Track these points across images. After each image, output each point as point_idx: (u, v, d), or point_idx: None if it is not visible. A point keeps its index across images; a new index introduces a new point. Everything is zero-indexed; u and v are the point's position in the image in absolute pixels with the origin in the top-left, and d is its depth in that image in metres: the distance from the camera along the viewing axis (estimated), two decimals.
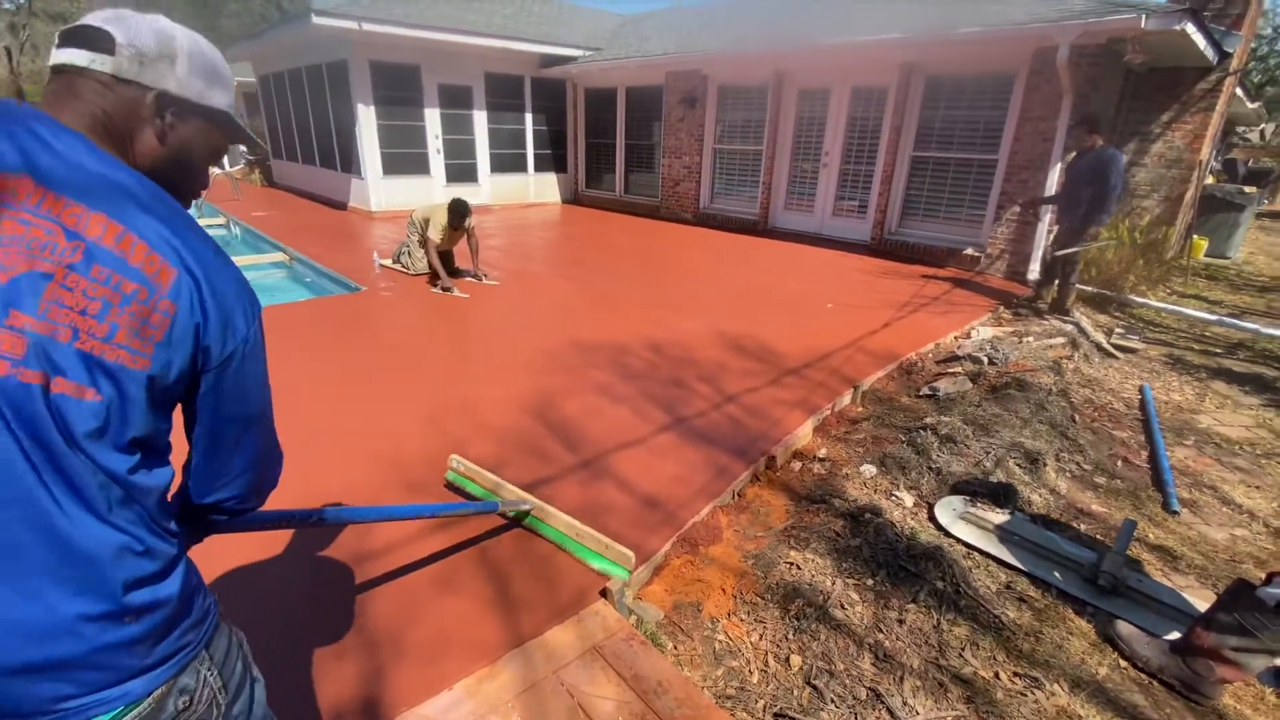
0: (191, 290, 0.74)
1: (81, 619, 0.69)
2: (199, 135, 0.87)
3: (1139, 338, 5.11)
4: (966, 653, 1.92)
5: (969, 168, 6.99)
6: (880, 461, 2.97)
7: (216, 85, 0.87)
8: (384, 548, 2.17)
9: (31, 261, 0.66)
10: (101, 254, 0.69)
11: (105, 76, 0.77)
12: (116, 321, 0.69)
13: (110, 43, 0.77)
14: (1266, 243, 10.84)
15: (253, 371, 0.84)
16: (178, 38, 0.82)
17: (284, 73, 11.31)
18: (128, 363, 0.70)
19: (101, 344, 0.69)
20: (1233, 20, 6.36)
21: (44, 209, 0.68)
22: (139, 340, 0.71)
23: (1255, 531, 2.66)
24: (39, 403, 0.66)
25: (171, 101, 0.82)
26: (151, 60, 0.79)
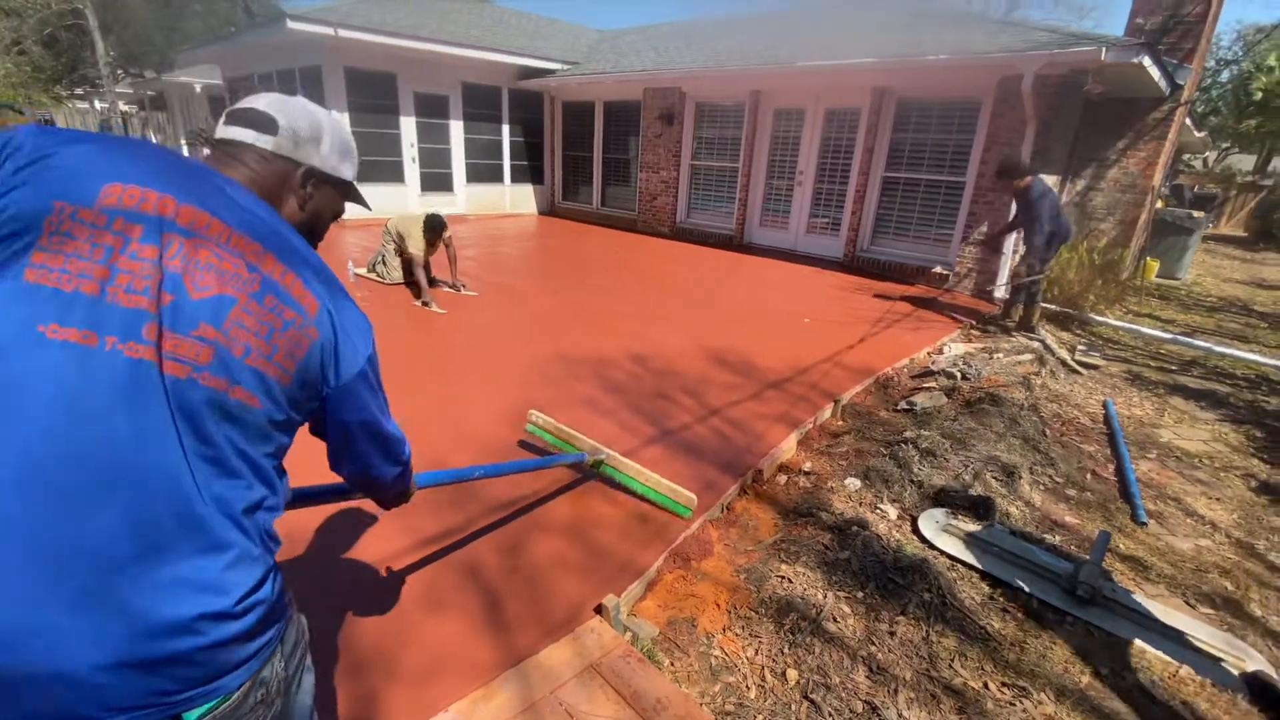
0: (329, 321, 0.88)
1: (202, 618, 0.74)
2: (329, 201, 1.05)
3: (1100, 354, 5.32)
4: (956, 663, 1.95)
5: (938, 189, 7.21)
6: (864, 474, 3.02)
7: (347, 160, 1.05)
8: (364, 565, 2.11)
9: (223, 286, 0.77)
10: (274, 287, 0.82)
11: (266, 152, 0.94)
12: (278, 344, 0.81)
13: (274, 126, 0.94)
14: (1213, 265, 11.42)
15: (365, 395, 0.96)
16: (323, 122, 1.00)
17: (254, 76, 11.07)
18: (279, 378, 0.82)
19: (266, 361, 0.80)
20: (1184, 54, 6.74)
21: (232, 245, 0.80)
22: (290, 361, 0.83)
23: (1218, 542, 2.78)
24: (215, 407, 0.76)
25: (314, 174, 0.99)
26: (304, 141, 0.97)
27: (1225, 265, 11.62)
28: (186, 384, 0.74)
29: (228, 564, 0.77)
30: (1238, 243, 15.49)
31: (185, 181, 0.81)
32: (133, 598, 0.69)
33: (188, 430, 0.74)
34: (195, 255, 0.76)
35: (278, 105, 0.96)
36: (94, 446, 0.68)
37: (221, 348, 0.76)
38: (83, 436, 0.68)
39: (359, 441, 1.01)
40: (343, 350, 0.89)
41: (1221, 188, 18.18)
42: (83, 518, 0.68)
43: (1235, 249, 14.22)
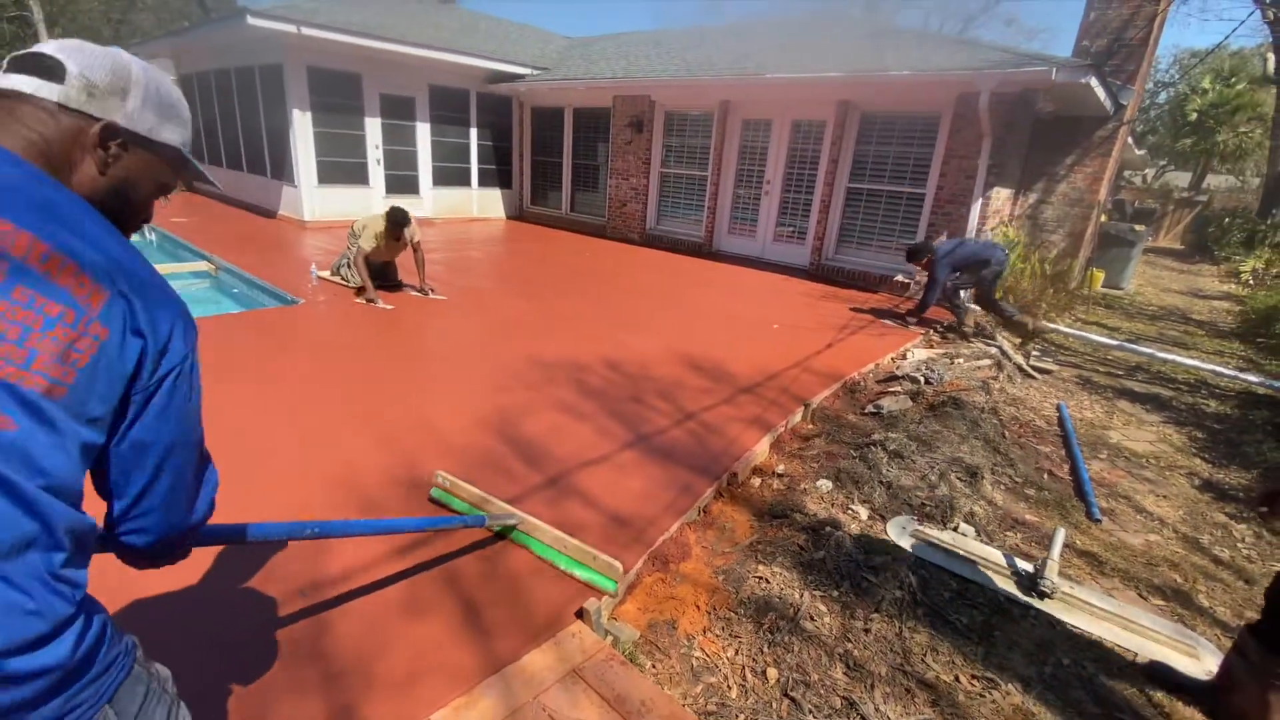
0: (124, 312, 0.71)
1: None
2: (145, 169, 0.85)
3: (1053, 360, 5.56)
4: (929, 658, 2.01)
5: (899, 199, 7.44)
6: (835, 477, 3.09)
7: (170, 121, 0.86)
8: (343, 573, 2.06)
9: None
10: (30, 275, 0.66)
11: (50, 105, 0.76)
12: (38, 348, 0.65)
13: (61, 72, 0.76)
14: (1153, 275, 12.04)
15: (181, 399, 0.79)
16: (135, 72, 0.82)
17: (210, 73, 10.74)
18: (46, 391, 0.65)
19: (21, 371, 0.64)
20: (1127, 76, 7.12)
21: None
22: (61, 367, 0.66)
23: (1167, 537, 2.93)
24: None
25: (118, 133, 0.80)
26: (102, 92, 0.78)
27: (1164, 276, 12.27)
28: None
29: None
30: (1175, 255, 16.38)
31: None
32: None
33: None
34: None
35: (72, 50, 0.78)
36: None
37: None
38: None
39: (165, 462, 0.79)
40: (150, 346, 0.73)
41: (1159, 203, 19.21)
42: None
43: (1173, 261, 15.03)
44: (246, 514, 2.25)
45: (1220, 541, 2.95)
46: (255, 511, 2.32)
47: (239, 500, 2.36)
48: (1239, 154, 20.68)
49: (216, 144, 11.33)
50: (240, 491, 2.43)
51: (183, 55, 11.56)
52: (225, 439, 2.83)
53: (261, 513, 2.32)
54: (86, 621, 0.71)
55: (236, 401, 3.25)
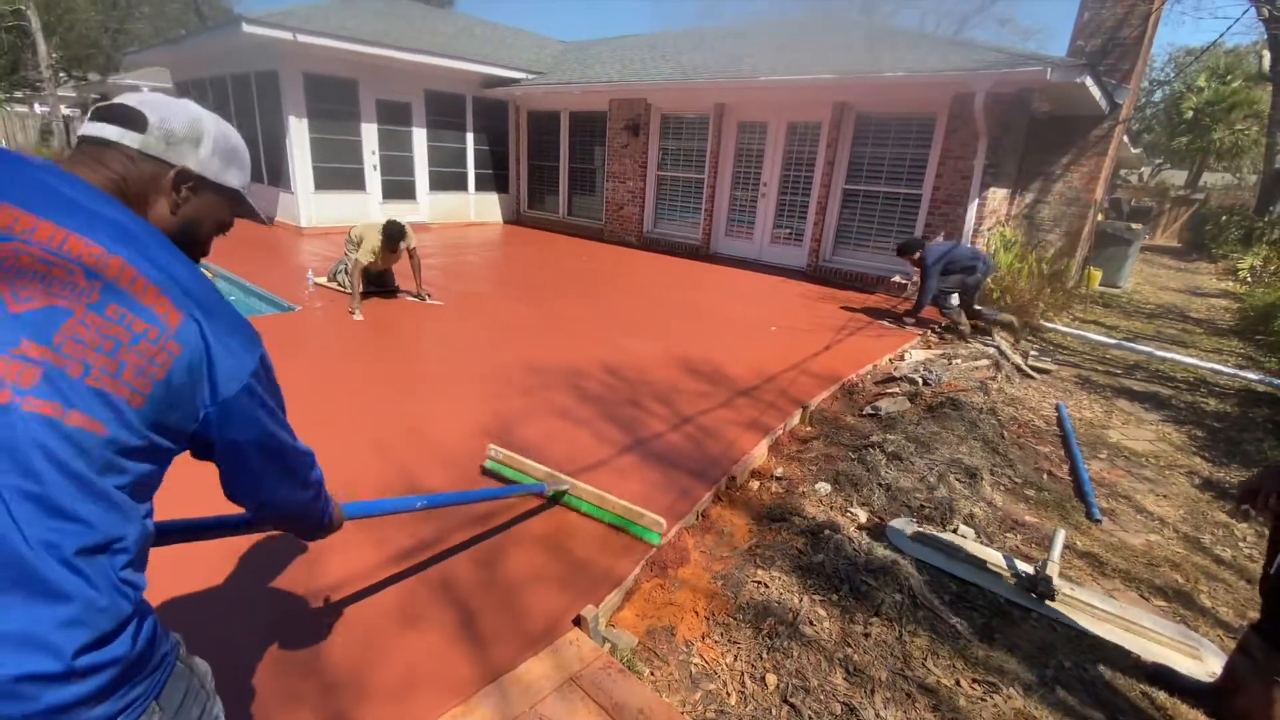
0: (197, 331, 0.78)
1: (24, 679, 0.63)
2: (210, 208, 0.95)
3: (1051, 360, 5.55)
4: (929, 662, 2.00)
5: (896, 201, 7.44)
6: (833, 479, 3.07)
7: (233, 166, 0.96)
8: (336, 581, 2.05)
9: (50, 297, 0.69)
10: (120, 294, 0.73)
11: (132, 151, 0.85)
12: (125, 359, 0.72)
13: (143, 123, 0.86)
14: (1150, 274, 12.05)
15: (254, 412, 0.87)
16: (206, 124, 0.92)
17: (206, 80, 10.75)
18: (129, 399, 0.72)
19: (113, 380, 0.71)
20: (1122, 74, 7.13)
21: (66, 249, 0.71)
22: (142, 378, 0.73)
23: (1167, 537, 2.92)
24: (40, 433, 0.66)
25: (190, 178, 0.90)
26: (178, 141, 0.88)
27: (1162, 274, 12.27)
28: (6, 410, 0.64)
29: (63, 619, 0.66)
30: (1172, 253, 16.39)
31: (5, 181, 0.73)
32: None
33: (7, 464, 0.64)
34: (15, 262, 0.68)
35: (151, 103, 0.88)
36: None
37: (52, 367, 0.67)
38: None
39: (253, 463, 0.90)
40: (219, 363, 0.80)
41: (1156, 201, 19.24)
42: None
43: (1170, 259, 15.04)
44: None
45: (1222, 541, 2.94)
46: None
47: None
48: (1235, 151, 20.70)
49: None
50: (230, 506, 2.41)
51: (179, 63, 11.56)
52: None
53: None
54: (141, 620, 0.76)
55: None
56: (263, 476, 0.93)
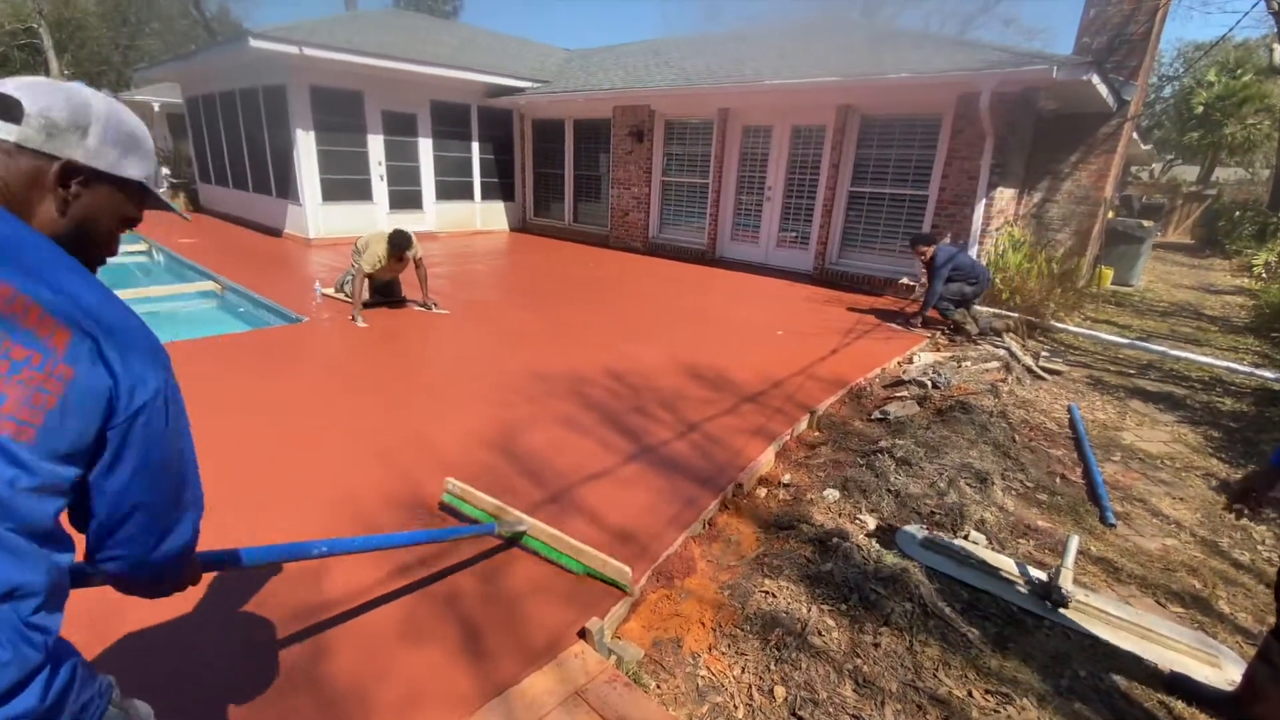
0: (92, 351, 0.71)
1: None
2: (107, 205, 0.84)
3: (1062, 360, 5.48)
4: (940, 673, 1.96)
5: (902, 202, 7.40)
6: (842, 485, 3.04)
7: (132, 154, 0.85)
8: (340, 596, 2.04)
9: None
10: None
11: (9, 145, 0.75)
12: (4, 392, 0.65)
13: (19, 111, 0.75)
14: (1163, 271, 11.90)
15: (157, 431, 0.78)
16: (94, 108, 0.81)
17: (215, 95, 10.87)
18: (14, 434, 0.66)
19: None
20: (1130, 71, 7.06)
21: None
22: (28, 409, 0.66)
23: (1184, 541, 2.86)
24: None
25: (77, 171, 0.80)
26: (61, 131, 0.78)
27: (1175, 272, 12.12)
28: None
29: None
30: (1185, 250, 16.19)
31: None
32: None
33: None
34: None
35: (29, 86, 0.77)
36: None
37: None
38: None
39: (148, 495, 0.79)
40: (120, 382, 0.73)
41: (1168, 198, 19.03)
42: None
43: (1183, 256, 14.86)
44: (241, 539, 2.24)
45: (1240, 544, 2.88)
46: (250, 536, 2.31)
47: (234, 525, 2.35)
48: (1248, 146, 20.47)
49: (223, 165, 11.45)
50: (235, 516, 2.42)
51: (188, 79, 11.71)
52: (222, 462, 2.83)
53: (257, 537, 2.31)
54: (55, 667, 0.70)
55: (235, 423, 3.25)
56: (161, 513, 0.82)
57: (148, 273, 8.24)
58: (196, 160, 12.65)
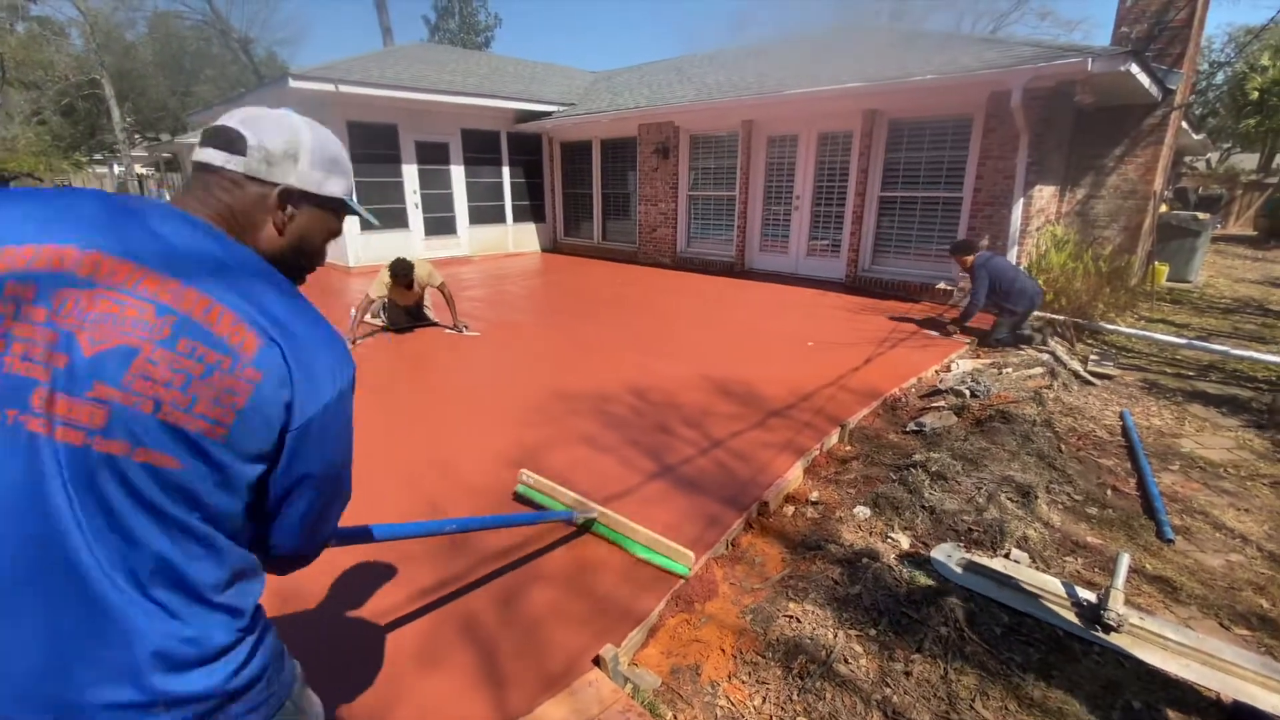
0: (277, 358, 0.77)
1: (107, 708, 0.68)
2: (316, 222, 0.95)
3: (1113, 364, 5.20)
4: (978, 704, 1.85)
5: (935, 205, 7.20)
6: (873, 502, 2.93)
7: (335, 174, 0.95)
8: (359, 618, 2.05)
9: (122, 337, 0.69)
10: (193, 328, 0.72)
11: (237, 175, 0.87)
12: (198, 393, 0.71)
13: (243, 145, 0.86)
14: (1224, 266, 11.25)
15: (334, 433, 0.85)
16: (302, 135, 0.91)
17: None
18: (206, 432, 0.72)
19: (184, 415, 0.71)
20: (1173, 59, 6.74)
21: (141, 288, 0.72)
22: (219, 409, 0.72)
23: (1250, 556, 2.65)
24: (110, 473, 0.68)
25: (292, 195, 0.90)
26: (278, 160, 0.88)
27: (1237, 265, 11.44)
28: (82, 453, 0.67)
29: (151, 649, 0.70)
30: (1248, 242, 15.29)
31: (96, 224, 0.74)
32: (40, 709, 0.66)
33: (91, 506, 0.67)
34: (91, 307, 0.69)
35: (250, 121, 0.88)
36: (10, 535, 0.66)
37: (120, 406, 0.68)
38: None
39: (316, 491, 0.86)
40: (299, 387, 0.78)
41: (1226, 188, 18.04)
42: None
43: (1246, 248, 14.03)
44: None
45: None
46: None
47: None
48: None
49: None
50: None
51: None
52: None
53: None
54: (250, 652, 0.79)
55: None
56: (322, 507, 0.90)
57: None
58: None
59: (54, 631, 0.67)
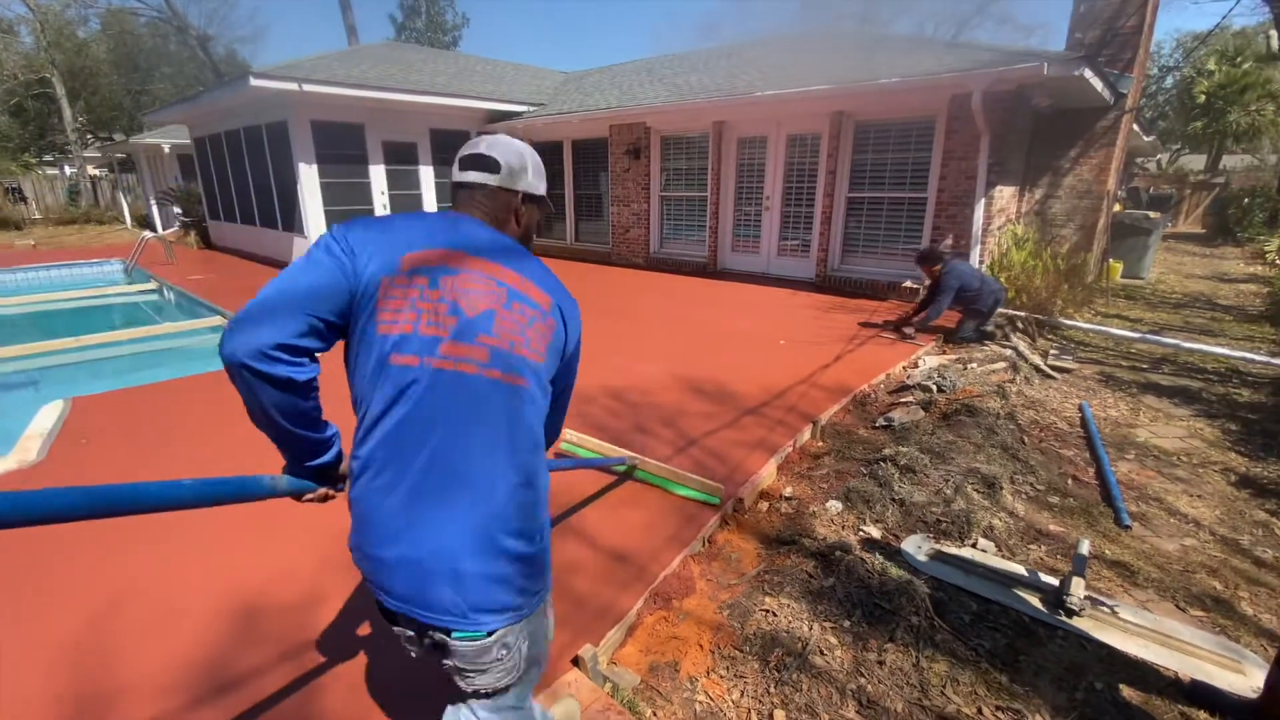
0: (559, 311, 1.19)
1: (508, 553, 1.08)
2: (535, 214, 1.31)
3: (1072, 358, 5.38)
4: (948, 690, 1.89)
5: (901, 205, 7.36)
6: (845, 496, 2.98)
7: (541, 178, 1.29)
8: (331, 631, 2.02)
9: (484, 304, 1.09)
10: (515, 294, 1.13)
11: (494, 188, 1.22)
12: (529, 335, 1.12)
13: (496, 166, 1.21)
14: (1175, 262, 11.72)
15: (578, 361, 1.31)
16: (525, 154, 1.25)
17: (221, 134, 11.12)
18: (537, 360, 1.13)
19: (528, 350, 1.12)
20: (1124, 64, 7.00)
21: (482, 270, 1.11)
22: (539, 345, 1.14)
23: (1203, 540, 2.76)
24: (493, 391, 1.08)
25: (526, 197, 1.26)
26: (515, 172, 1.23)
27: (1187, 262, 11.93)
28: (475, 378, 1.06)
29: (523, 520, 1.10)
30: (1197, 239, 15.95)
31: (444, 233, 1.12)
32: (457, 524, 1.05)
33: (483, 411, 1.06)
34: (464, 286, 1.08)
35: (497, 147, 1.23)
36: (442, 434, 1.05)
37: (494, 348, 1.08)
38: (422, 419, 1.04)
39: (566, 398, 1.32)
40: (570, 328, 1.22)
41: (1176, 188, 18.80)
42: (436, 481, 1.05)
43: (1195, 245, 14.63)
44: (236, 575, 2.23)
45: (1262, 541, 2.77)
46: (244, 573, 2.30)
47: (230, 563, 2.34)
48: (1253, 132, 20.12)
49: (231, 201, 11.67)
50: (229, 556, 2.41)
51: (196, 120, 11.99)
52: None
53: (249, 574, 2.29)
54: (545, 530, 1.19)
55: (228, 460, 3.26)
56: (565, 407, 1.35)
57: (159, 310, 8.37)
58: (206, 198, 12.90)
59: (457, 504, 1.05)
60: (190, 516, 2.60)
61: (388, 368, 1.04)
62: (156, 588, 2.23)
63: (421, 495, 1.03)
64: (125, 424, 3.76)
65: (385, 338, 1.03)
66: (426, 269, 1.05)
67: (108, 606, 2.12)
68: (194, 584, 2.25)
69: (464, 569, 1.03)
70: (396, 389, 1.04)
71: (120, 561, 2.37)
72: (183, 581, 2.26)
